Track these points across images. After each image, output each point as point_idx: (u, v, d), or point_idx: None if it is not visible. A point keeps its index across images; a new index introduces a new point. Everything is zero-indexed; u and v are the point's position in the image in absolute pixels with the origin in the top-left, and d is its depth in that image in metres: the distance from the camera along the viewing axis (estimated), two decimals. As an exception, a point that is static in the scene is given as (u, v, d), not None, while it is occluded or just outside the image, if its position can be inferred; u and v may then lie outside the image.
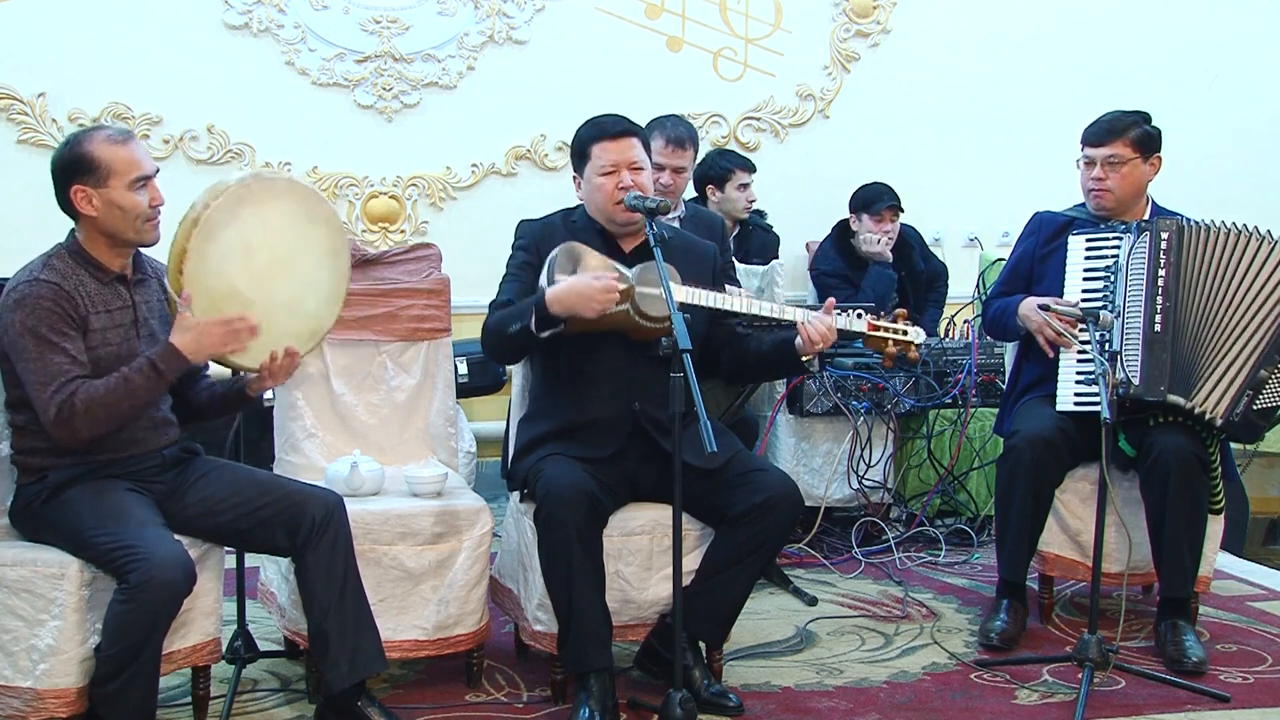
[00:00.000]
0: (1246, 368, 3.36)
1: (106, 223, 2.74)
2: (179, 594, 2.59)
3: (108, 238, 2.76)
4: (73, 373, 2.64)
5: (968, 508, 4.71)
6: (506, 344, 3.08)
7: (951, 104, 5.73)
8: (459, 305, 3.72)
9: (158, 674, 2.66)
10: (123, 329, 2.78)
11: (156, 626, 2.59)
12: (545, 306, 2.92)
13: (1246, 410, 3.35)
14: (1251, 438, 3.48)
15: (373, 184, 5.32)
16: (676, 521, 2.78)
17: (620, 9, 5.46)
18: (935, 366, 4.60)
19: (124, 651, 2.56)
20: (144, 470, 2.83)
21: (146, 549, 2.56)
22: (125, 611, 2.55)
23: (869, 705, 3.09)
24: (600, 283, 2.91)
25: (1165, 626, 3.42)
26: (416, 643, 3.10)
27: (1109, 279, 3.46)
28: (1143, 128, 3.58)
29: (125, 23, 5.06)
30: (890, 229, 4.99)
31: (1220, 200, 4.32)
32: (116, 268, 2.80)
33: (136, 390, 2.66)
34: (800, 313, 3.07)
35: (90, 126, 2.79)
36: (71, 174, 2.71)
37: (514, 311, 3.03)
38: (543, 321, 2.94)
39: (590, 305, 2.91)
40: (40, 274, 2.70)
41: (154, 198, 2.76)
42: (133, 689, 2.59)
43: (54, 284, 2.68)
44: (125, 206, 2.72)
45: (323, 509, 2.83)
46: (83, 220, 2.76)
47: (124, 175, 2.71)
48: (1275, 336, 3.35)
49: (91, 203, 2.71)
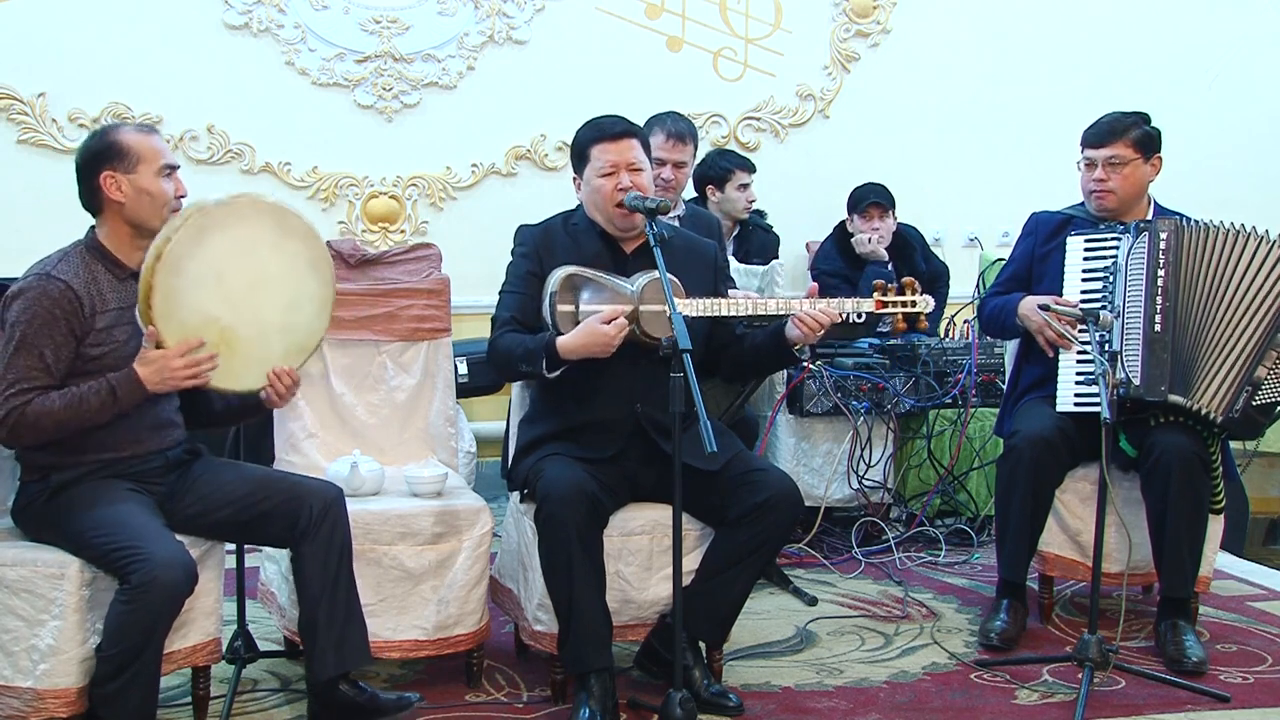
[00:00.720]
0: (1245, 366, 3.36)
1: (134, 209, 2.77)
2: (180, 594, 2.60)
3: (133, 228, 2.79)
4: (36, 381, 2.66)
5: (968, 508, 4.71)
6: (515, 375, 3.19)
7: (951, 104, 5.73)
8: (459, 305, 3.73)
9: (159, 674, 2.66)
10: (130, 326, 2.78)
11: (157, 627, 2.59)
12: (557, 353, 2.97)
13: (1246, 406, 3.35)
14: (1252, 434, 3.48)
15: (373, 184, 5.32)
16: (676, 522, 2.78)
17: (620, 9, 5.46)
18: (935, 366, 4.60)
19: (125, 651, 2.56)
20: (147, 471, 2.83)
21: (148, 550, 2.56)
22: (126, 612, 2.55)
23: (869, 705, 3.09)
24: (612, 328, 2.94)
25: (1165, 626, 3.42)
26: (416, 643, 3.10)
27: (1108, 279, 3.46)
28: (1143, 128, 3.58)
29: (125, 23, 5.07)
30: (881, 227, 4.99)
31: (1220, 200, 4.32)
32: (134, 263, 2.80)
33: (88, 412, 2.68)
34: (799, 303, 3.07)
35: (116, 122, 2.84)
36: (102, 160, 2.75)
37: (522, 352, 3.03)
38: (552, 364, 2.99)
39: (605, 351, 2.96)
40: (52, 269, 2.72)
41: (179, 188, 2.82)
42: (133, 689, 2.59)
43: (64, 283, 2.69)
44: (154, 192, 2.76)
45: (321, 501, 2.84)
46: (108, 209, 2.78)
47: (152, 162, 2.77)
48: (1272, 333, 3.35)
49: (121, 189, 2.75)
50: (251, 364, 2.78)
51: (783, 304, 3.08)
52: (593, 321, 2.96)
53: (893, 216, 5.05)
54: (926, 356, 4.60)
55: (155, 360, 2.67)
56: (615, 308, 2.99)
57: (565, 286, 3.04)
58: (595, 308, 3.01)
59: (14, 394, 2.64)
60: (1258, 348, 3.36)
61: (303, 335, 2.89)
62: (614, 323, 2.95)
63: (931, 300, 3.10)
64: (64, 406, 2.66)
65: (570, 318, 3.02)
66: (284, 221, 2.83)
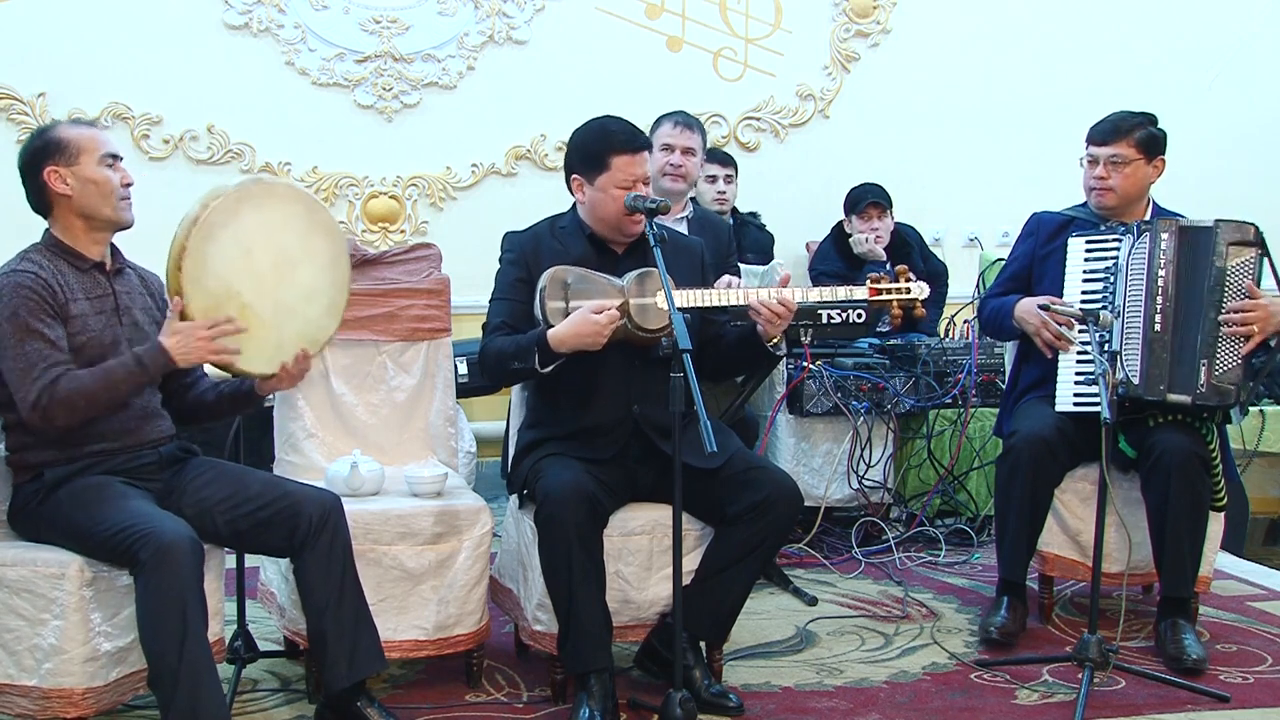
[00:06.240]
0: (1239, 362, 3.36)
1: (82, 200, 2.77)
2: (195, 561, 2.57)
3: (85, 219, 2.80)
4: (54, 358, 2.66)
5: (968, 508, 4.71)
6: (507, 377, 3.15)
7: (951, 104, 5.73)
8: (459, 305, 3.73)
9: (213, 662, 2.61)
10: (104, 315, 2.79)
11: (188, 598, 2.54)
12: (548, 346, 2.96)
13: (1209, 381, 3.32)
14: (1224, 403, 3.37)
15: (373, 184, 5.32)
16: (676, 521, 2.78)
17: (620, 9, 5.46)
18: (935, 366, 4.60)
19: (167, 637, 2.51)
20: (140, 467, 2.83)
21: (149, 525, 2.56)
22: (151, 591, 2.53)
23: (869, 705, 3.09)
24: (603, 317, 2.94)
25: (1165, 626, 3.42)
26: (416, 643, 3.10)
27: (1108, 279, 3.46)
28: (1148, 129, 3.58)
29: (125, 23, 5.07)
30: (879, 226, 4.99)
31: (1220, 200, 4.33)
32: (95, 255, 2.82)
33: (118, 384, 2.68)
34: (761, 293, 3.05)
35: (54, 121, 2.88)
36: (43, 157, 2.77)
37: (514, 349, 3.03)
38: (545, 357, 2.98)
39: (596, 341, 2.95)
40: (17, 265, 2.73)
41: (124, 177, 2.81)
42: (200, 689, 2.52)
43: (32, 273, 2.70)
44: (98, 180, 2.77)
45: (320, 510, 2.82)
46: (58, 205, 2.79)
47: (93, 152, 2.77)
48: None
49: (66, 181, 2.76)
50: (265, 347, 2.80)
51: (742, 294, 3.07)
52: (584, 311, 2.95)
53: (890, 216, 5.05)
54: (926, 356, 4.60)
55: (181, 330, 2.68)
56: (605, 300, 2.99)
57: (554, 282, 3.03)
58: (585, 301, 3.00)
59: (38, 375, 2.64)
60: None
61: (315, 329, 2.91)
62: (604, 313, 2.94)
63: (926, 287, 3.10)
64: (93, 381, 2.66)
65: (560, 313, 3.01)
66: (314, 214, 2.89)
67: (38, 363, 2.65)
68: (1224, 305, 3.35)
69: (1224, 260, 3.36)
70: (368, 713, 2.83)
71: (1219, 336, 3.34)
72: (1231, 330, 3.34)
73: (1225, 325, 3.34)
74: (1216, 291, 3.36)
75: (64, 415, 2.66)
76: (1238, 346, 3.34)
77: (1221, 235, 3.37)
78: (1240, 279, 3.37)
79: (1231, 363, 3.34)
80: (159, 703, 2.58)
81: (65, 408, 2.64)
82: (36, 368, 2.64)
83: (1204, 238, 3.37)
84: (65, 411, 2.65)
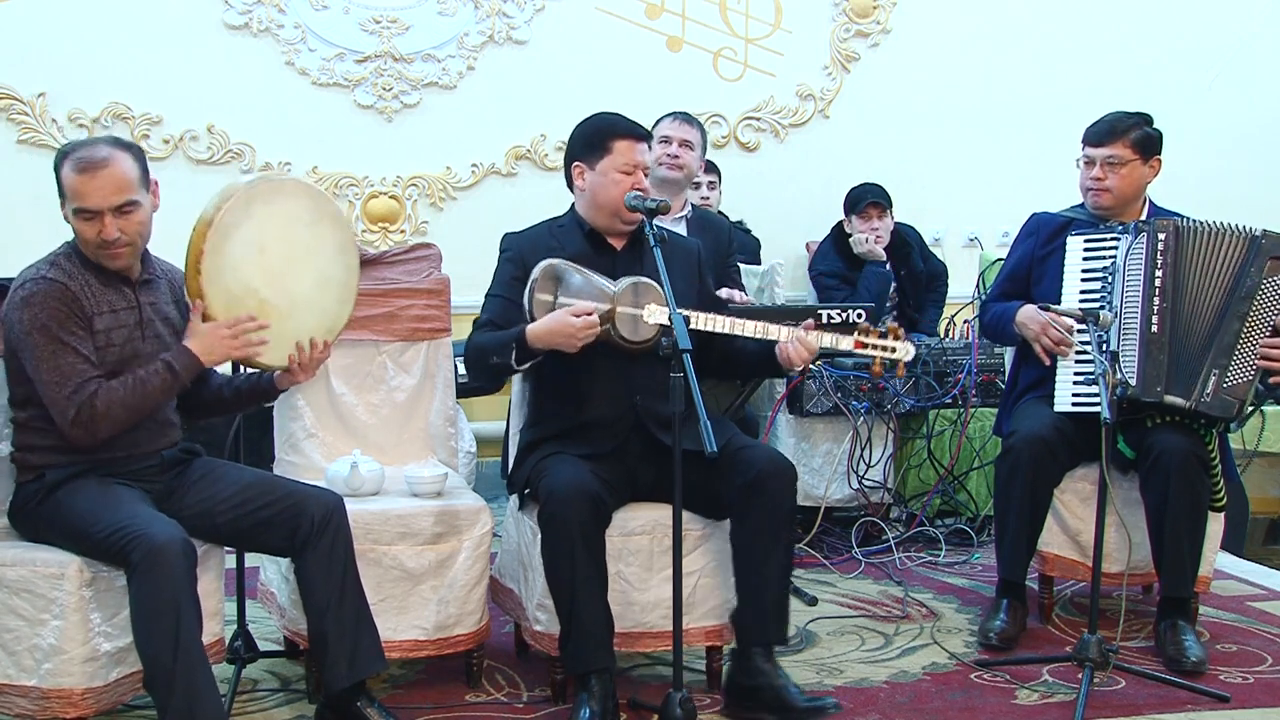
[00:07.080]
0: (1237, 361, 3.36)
1: (77, 237, 2.77)
2: (188, 564, 2.57)
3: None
4: (88, 373, 2.67)
5: (968, 508, 4.71)
6: (487, 371, 3.13)
7: (951, 104, 5.73)
8: (459, 305, 3.72)
9: (208, 664, 2.61)
10: (127, 329, 2.78)
11: (179, 600, 2.53)
12: (526, 342, 2.96)
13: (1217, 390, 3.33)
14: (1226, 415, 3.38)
15: (373, 184, 5.33)
16: (677, 520, 2.77)
17: (620, 9, 5.46)
18: (935, 366, 4.60)
19: (161, 639, 2.52)
20: (142, 470, 2.83)
21: (140, 527, 2.57)
22: (143, 594, 2.53)
23: (869, 705, 3.09)
24: (580, 321, 2.93)
25: (1165, 626, 3.42)
26: (416, 643, 3.10)
27: (1107, 280, 3.46)
28: (1144, 129, 3.58)
29: (125, 23, 5.07)
30: (879, 226, 4.99)
31: (1220, 200, 4.33)
32: (114, 268, 2.80)
33: (153, 392, 2.71)
34: (783, 331, 3.04)
35: (81, 141, 2.82)
36: (58, 185, 2.75)
37: (494, 343, 3.04)
38: (522, 354, 2.98)
39: (571, 343, 2.95)
40: (46, 273, 2.72)
41: (104, 230, 2.69)
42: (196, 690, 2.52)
43: (60, 283, 2.70)
44: (75, 229, 2.75)
45: (321, 510, 2.82)
46: None
47: (71, 202, 2.71)
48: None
49: (66, 218, 2.76)
50: (282, 340, 2.83)
51: (761, 329, 3.05)
52: (563, 313, 2.96)
53: (890, 216, 5.05)
54: (926, 356, 4.59)
55: (204, 332, 2.72)
56: (589, 304, 2.98)
57: (547, 275, 3.03)
58: (572, 300, 3.00)
59: (74, 391, 2.64)
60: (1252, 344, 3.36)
61: (330, 318, 2.95)
62: (583, 318, 2.94)
63: (912, 349, 3.05)
64: (129, 391, 2.68)
65: (546, 307, 3.00)
66: (320, 205, 2.94)
67: (72, 377, 2.65)
68: (1248, 317, 3.34)
69: (1261, 275, 3.33)
70: (368, 713, 2.83)
71: (1237, 348, 3.34)
72: (1263, 362, 3.33)
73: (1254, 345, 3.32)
74: (1245, 303, 3.34)
75: (106, 428, 2.68)
76: (1252, 364, 3.34)
77: (1265, 248, 3.34)
78: (1273, 298, 3.34)
79: (1244, 378, 3.34)
80: (156, 705, 2.58)
81: (107, 421, 2.66)
82: (71, 381, 2.64)
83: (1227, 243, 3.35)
84: (108, 425, 2.67)
